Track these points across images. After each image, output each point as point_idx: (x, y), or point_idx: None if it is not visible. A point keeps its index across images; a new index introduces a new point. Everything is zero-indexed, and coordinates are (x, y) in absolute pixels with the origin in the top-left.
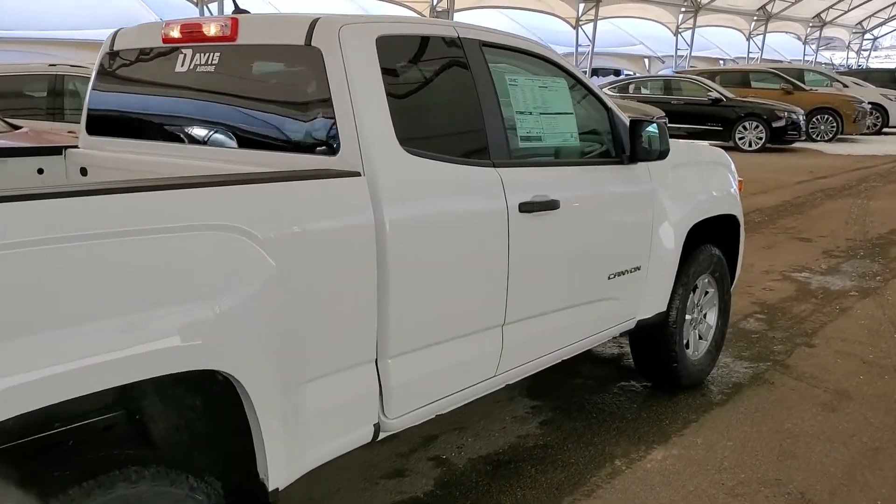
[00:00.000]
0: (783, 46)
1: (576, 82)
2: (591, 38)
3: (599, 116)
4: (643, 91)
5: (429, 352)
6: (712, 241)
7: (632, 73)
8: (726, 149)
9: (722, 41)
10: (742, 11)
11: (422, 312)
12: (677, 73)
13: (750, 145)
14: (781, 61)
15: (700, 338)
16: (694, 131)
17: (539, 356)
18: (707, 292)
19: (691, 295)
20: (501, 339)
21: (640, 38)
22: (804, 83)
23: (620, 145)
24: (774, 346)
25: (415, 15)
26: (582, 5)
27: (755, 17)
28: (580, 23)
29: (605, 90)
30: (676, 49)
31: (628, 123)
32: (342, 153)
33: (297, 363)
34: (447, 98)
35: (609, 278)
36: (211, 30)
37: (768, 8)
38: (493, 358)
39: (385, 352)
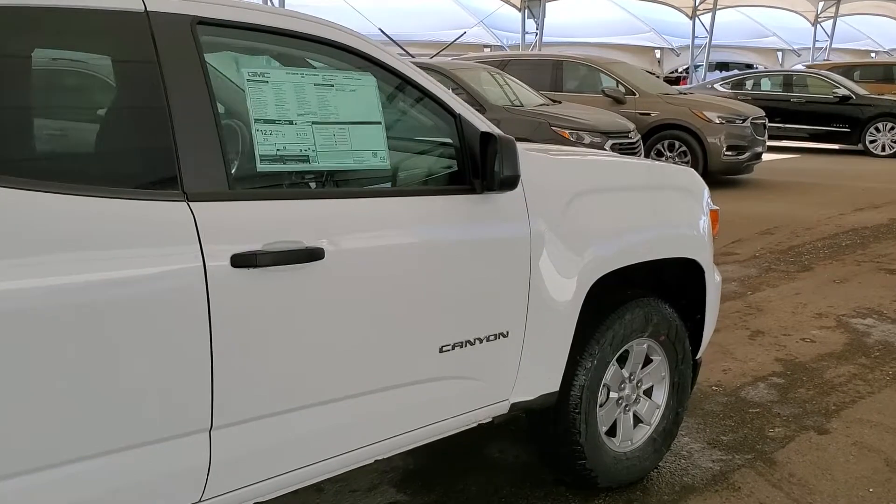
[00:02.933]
0: None
1: (397, 79)
2: (708, 29)
3: (441, 126)
4: (762, 87)
5: (32, 479)
6: (661, 294)
7: (762, 67)
8: (854, 153)
9: (875, 31)
10: None
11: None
12: (808, 67)
13: (883, 149)
14: None
15: (639, 422)
16: (816, 133)
17: (307, 464)
18: (651, 360)
19: (614, 367)
20: (209, 450)
21: (772, 28)
22: None
23: (475, 168)
24: (772, 428)
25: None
26: None
27: None
28: (697, 12)
29: (717, 86)
30: (814, 41)
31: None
32: None
33: None
34: (96, 99)
35: (442, 351)
36: None
37: None
38: (194, 476)
39: None
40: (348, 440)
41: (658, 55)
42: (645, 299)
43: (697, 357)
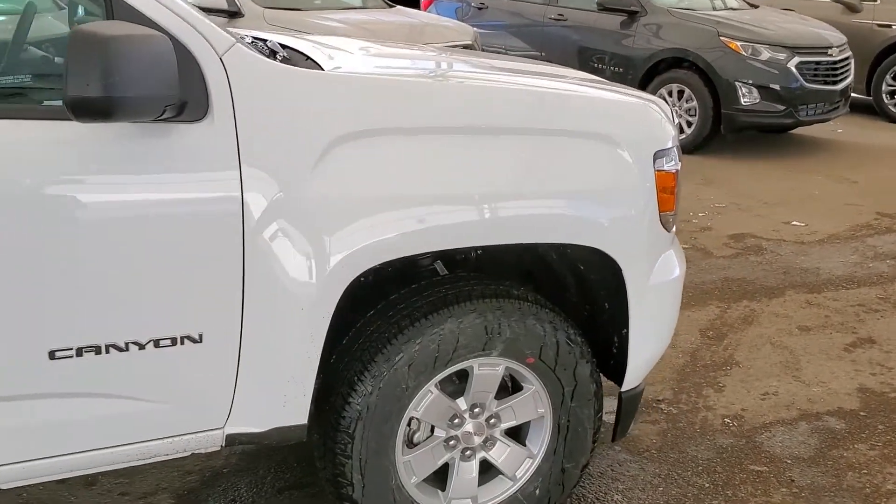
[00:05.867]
0: None
1: None
2: None
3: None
4: None
5: None
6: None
7: None
8: None
9: None
10: None
11: None
12: None
13: None
14: None
15: (499, 473)
16: None
17: None
18: (523, 387)
19: (432, 394)
20: None
21: None
22: None
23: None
24: None
25: None
26: None
27: None
28: None
29: None
30: None
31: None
32: None
33: None
34: None
35: (55, 357)
36: None
37: None
38: None
39: None
40: None
41: None
42: (491, 301)
43: (626, 389)
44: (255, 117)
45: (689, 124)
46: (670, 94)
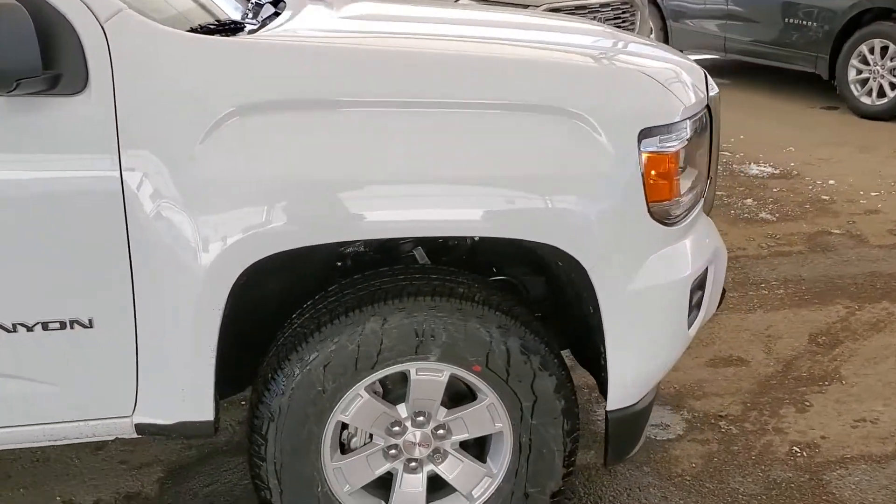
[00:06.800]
0: None
1: None
2: None
3: None
4: None
5: None
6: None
7: None
8: None
9: None
10: None
11: None
12: None
13: None
14: None
15: (454, 490)
16: None
17: None
18: (479, 396)
19: (362, 398)
20: None
21: None
22: None
23: None
24: None
25: None
26: None
27: None
28: None
29: None
30: None
31: None
32: None
33: None
34: None
35: None
36: None
37: None
38: None
39: None
40: None
41: None
42: (424, 300)
43: (613, 409)
44: (137, 89)
45: (893, 86)
46: (871, 50)
